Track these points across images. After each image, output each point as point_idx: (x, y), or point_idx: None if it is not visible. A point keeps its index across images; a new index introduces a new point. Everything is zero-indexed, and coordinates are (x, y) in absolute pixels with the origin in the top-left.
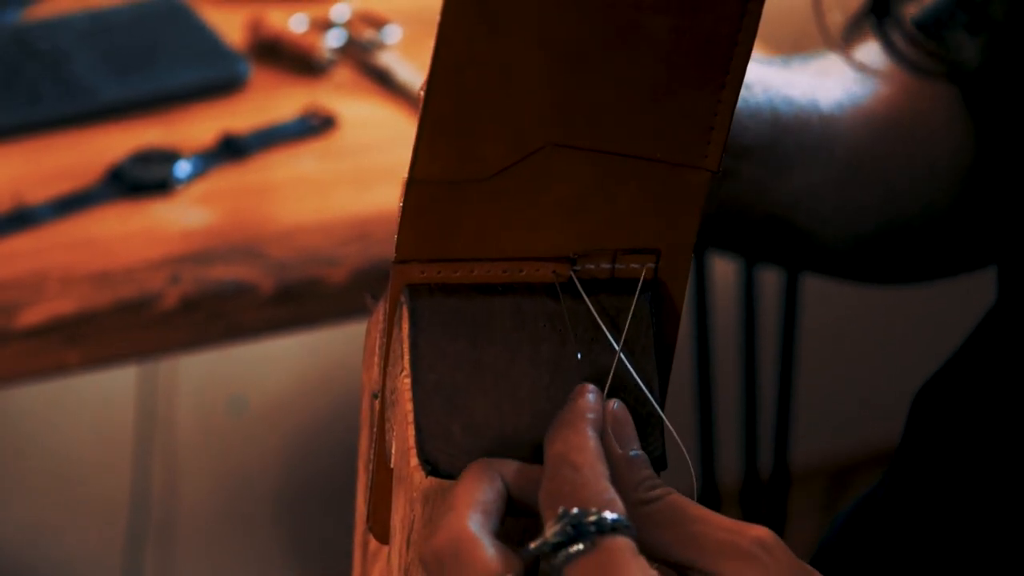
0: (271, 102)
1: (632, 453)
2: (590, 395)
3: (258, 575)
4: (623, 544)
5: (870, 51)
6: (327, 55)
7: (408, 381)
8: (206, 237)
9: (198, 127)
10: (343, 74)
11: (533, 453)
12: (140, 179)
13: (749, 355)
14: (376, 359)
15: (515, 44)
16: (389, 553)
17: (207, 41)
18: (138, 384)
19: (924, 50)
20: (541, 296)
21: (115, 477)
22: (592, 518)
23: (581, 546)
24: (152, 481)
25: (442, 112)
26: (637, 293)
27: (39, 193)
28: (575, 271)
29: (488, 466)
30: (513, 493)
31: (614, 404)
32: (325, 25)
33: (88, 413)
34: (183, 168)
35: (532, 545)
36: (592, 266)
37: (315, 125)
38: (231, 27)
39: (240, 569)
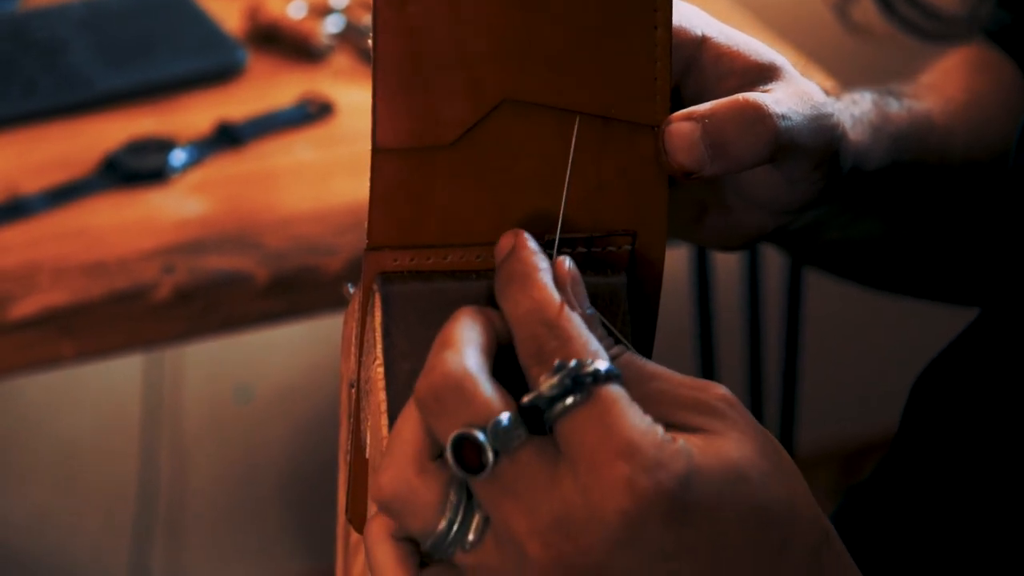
0: (269, 89)
1: (588, 311)
2: (531, 244)
3: (265, 563)
4: (619, 393)
5: None
6: (325, 41)
7: (381, 370)
8: (201, 227)
9: (195, 115)
10: (341, 60)
11: None
12: (135, 168)
13: (754, 341)
14: (353, 348)
15: None
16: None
17: (205, 28)
18: (144, 373)
19: (925, 12)
20: None
21: (122, 466)
22: (588, 369)
23: (577, 397)
24: (159, 470)
25: (391, 58)
26: (612, 275)
27: (34, 183)
28: (549, 255)
29: (480, 312)
30: (501, 342)
31: (566, 262)
32: (324, 11)
33: (95, 403)
34: (178, 157)
35: (526, 399)
36: (568, 249)
37: (312, 112)
38: (229, 14)
39: (247, 557)
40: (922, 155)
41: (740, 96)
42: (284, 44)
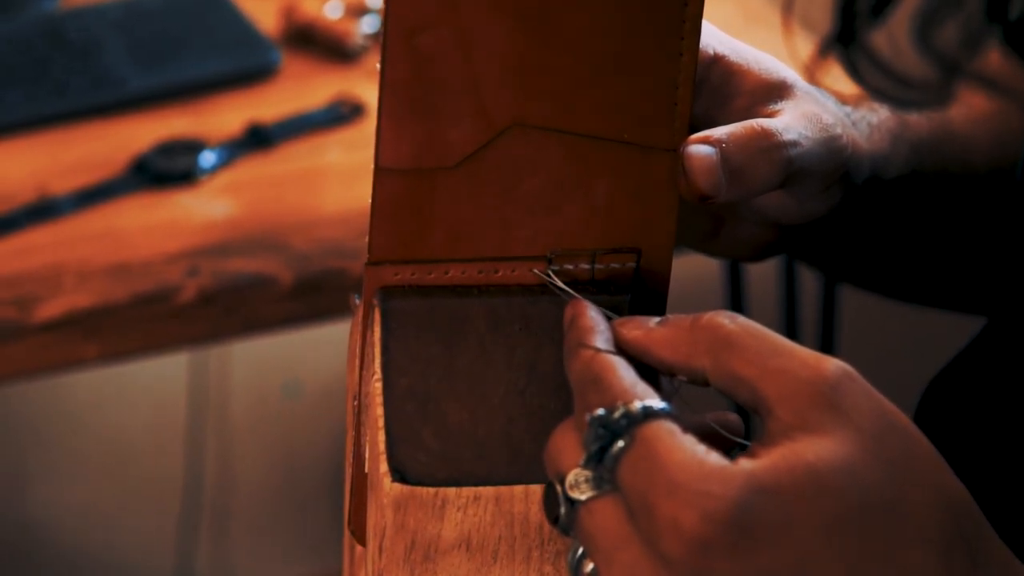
0: (302, 90)
1: (655, 322)
2: (590, 312)
3: (310, 558)
4: (660, 429)
5: None
6: (360, 41)
7: (379, 385)
8: (227, 229)
9: (227, 116)
10: (375, 61)
11: (508, 459)
12: (164, 170)
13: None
14: (356, 361)
15: (468, 9)
16: (366, 557)
17: (240, 29)
18: (190, 368)
19: (896, 80)
20: (517, 298)
21: (169, 462)
22: (618, 412)
23: (621, 443)
24: (205, 465)
25: (399, 84)
26: (615, 293)
27: (63, 184)
28: (553, 271)
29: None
30: None
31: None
32: (360, 11)
33: (141, 399)
34: (208, 158)
35: (580, 460)
36: (571, 266)
37: (344, 113)
38: (265, 14)
39: (292, 552)
40: (943, 163)
41: (754, 123)
42: (319, 44)
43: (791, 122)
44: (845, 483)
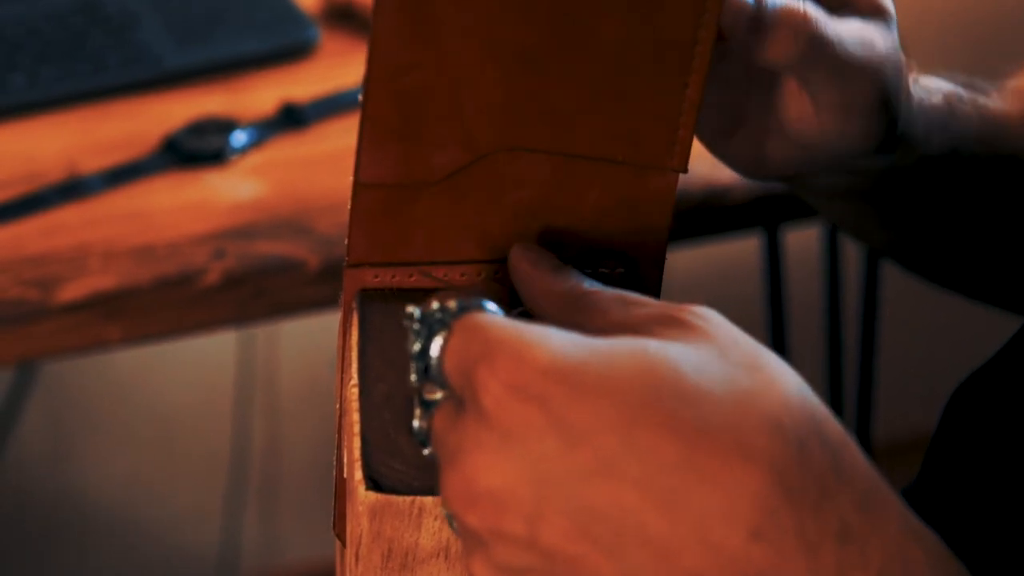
0: (339, 69)
1: (558, 269)
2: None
3: None
4: (478, 315)
5: None
6: None
7: (355, 391)
8: (255, 211)
9: (261, 95)
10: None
11: None
12: (194, 149)
13: (834, 339)
14: (340, 364)
15: (457, 51)
16: (346, 562)
17: (279, 5)
18: (238, 342)
19: None
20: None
21: (216, 435)
22: (434, 306)
23: (440, 339)
24: (252, 439)
25: (382, 119)
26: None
27: (94, 162)
28: None
29: None
30: None
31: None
32: None
33: (190, 371)
34: (239, 138)
35: (411, 354)
36: None
37: None
38: None
39: None
40: (982, 149)
41: (800, 4)
42: (359, 21)
43: (840, 26)
44: (686, 365)
